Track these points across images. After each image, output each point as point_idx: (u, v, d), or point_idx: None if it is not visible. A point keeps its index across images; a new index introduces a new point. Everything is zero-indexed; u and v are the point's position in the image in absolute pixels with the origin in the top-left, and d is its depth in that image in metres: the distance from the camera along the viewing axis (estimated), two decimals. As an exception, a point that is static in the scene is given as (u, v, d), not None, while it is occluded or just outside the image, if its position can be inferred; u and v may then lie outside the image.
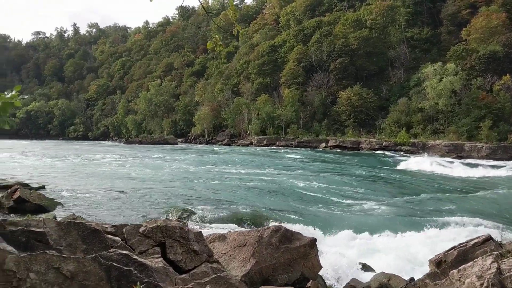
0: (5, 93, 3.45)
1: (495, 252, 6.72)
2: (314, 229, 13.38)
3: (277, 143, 73.81)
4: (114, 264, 5.51)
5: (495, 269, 6.10)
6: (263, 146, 74.03)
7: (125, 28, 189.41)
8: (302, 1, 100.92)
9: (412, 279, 10.07)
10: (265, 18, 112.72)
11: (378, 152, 58.07)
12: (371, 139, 63.71)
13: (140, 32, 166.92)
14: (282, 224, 11.97)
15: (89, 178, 25.03)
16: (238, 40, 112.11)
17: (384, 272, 10.19)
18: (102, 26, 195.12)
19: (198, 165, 35.57)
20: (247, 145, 77.96)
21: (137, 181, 24.21)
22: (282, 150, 61.49)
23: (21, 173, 25.89)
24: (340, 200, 19.68)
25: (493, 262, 6.28)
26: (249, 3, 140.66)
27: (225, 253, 7.99)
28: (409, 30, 78.57)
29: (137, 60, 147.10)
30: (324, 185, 24.08)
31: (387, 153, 56.18)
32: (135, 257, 5.95)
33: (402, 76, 73.14)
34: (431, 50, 74.33)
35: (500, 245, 7.73)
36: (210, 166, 35.37)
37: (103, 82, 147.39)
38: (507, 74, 56.38)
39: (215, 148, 70.29)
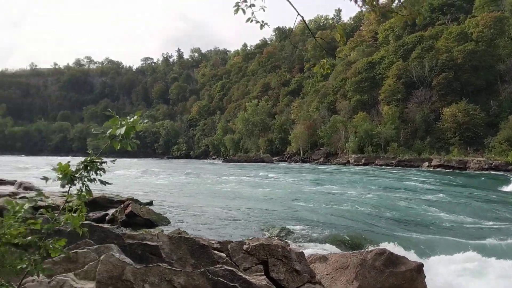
0: (128, 117, 3.74)
1: None
2: (419, 255, 12.69)
3: (376, 161, 71.56)
4: (221, 279, 5.70)
5: None
6: (360, 165, 72.21)
7: (224, 52, 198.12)
8: (402, 17, 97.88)
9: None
10: (362, 35, 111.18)
11: (488, 172, 53.79)
12: (479, 158, 59.30)
13: (239, 54, 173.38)
14: (384, 247, 11.54)
15: (194, 195, 26.24)
16: (335, 58, 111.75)
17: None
18: (203, 50, 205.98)
19: (296, 184, 35.68)
20: (343, 164, 76.60)
21: (238, 198, 24.86)
22: (384, 170, 59.47)
23: (132, 189, 27.90)
24: (447, 224, 18.48)
25: None
26: (346, 20, 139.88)
27: (327, 274, 7.88)
28: (521, 41, 72.71)
29: (236, 81, 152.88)
30: (429, 207, 22.82)
31: (497, 173, 51.82)
32: (240, 273, 6.10)
33: (514, 91, 67.60)
34: (546, 61, 67.98)
35: None
36: (308, 185, 35.27)
37: (204, 104, 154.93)
38: None
39: (319, 167, 70.01)
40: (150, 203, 19.97)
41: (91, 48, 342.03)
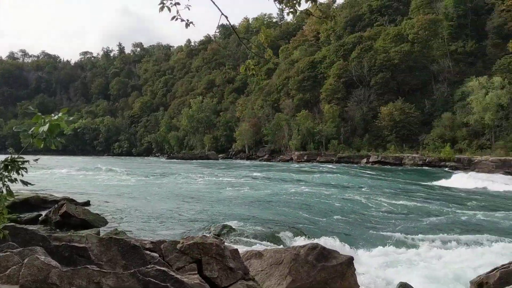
0: (52, 114, 3.61)
1: (541, 276, 6.44)
2: (351, 247, 13.19)
3: (318, 158, 73.37)
4: (152, 280, 5.66)
5: (541, 294, 5.85)
6: (303, 161, 73.73)
7: (168, 47, 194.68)
8: (343, 17, 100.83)
9: (455, 301, 9.75)
10: (305, 34, 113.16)
11: (421, 168, 56.60)
12: (414, 155, 62.25)
13: (183, 50, 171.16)
14: (319, 242, 11.88)
15: (135, 194, 25.72)
16: (278, 57, 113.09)
17: (425, 293, 9.93)
18: (146, 45, 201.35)
19: (241, 181, 35.83)
20: (287, 161, 77.89)
21: (181, 197, 24.66)
22: (323, 166, 61.01)
23: (68, 188, 26.92)
24: (379, 217, 19.32)
25: (538, 286, 6.03)
26: (289, 20, 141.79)
27: (262, 270, 8.03)
28: (453, 43, 76.82)
29: (180, 78, 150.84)
30: (363, 201, 23.72)
31: (431, 169, 54.66)
32: (172, 273, 6.09)
33: (446, 91, 71.34)
34: (476, 63, 72.28)
35: (548, 268, 7.39)
36: (252, 182, 35.53)
37: (146, 100, 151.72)
38: (559, 87, 53.99)
39: (265, 164, 70.60)
40: (87, 203, 19.40)
41: (26, 40, 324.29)
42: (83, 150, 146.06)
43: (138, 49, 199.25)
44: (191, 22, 4.05)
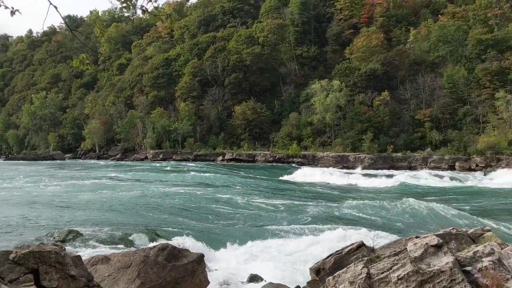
0: None
1: (366, 258, 7.30)
2: (204, 244, 13.40)
3: (174, 157, 72.85)
4: (-23, 297, 5.05)
5: (365, 274, 6.63)
6: (159, 160, 72.53)
7: (5, 37, 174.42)
8: (196, 16, 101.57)
9: (298, 287, 10.51)
10: (159, 31, 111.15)
11: (272, 164, 59.99)
12: (265, 152, 65.70)
13: (23, 41, 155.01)
14: (172, 241, 11.82)
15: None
16: (131, 52, 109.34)
17: (272, 283, 10.52)
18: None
19: (91, 184, 33.77)
20: (142, 160, 75.87)
21: (22, 202, 22.32)
22: (183, 165, 60.81)
23: None
24: (230, 213, 19.98)
25: (363, 267, 6.82)
26: (141, 15, 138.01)
27: (109, 275, 7.68)
28: (298, 48, 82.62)
29: (20, 70, 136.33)
30: (214, 198, 24.28)
31: (281, 165, 58.28)
32: (3, 286, 5.50)
33: (293, 92, 76.53)
34: (318, 67, 78.92)
35: (372, 250, 8.39)
36: (109, 183, 33.77)
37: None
38: (386, 90, 61.74)
39: (118, 163, 67.32)
40: None
41: None
42: None
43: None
44: (17, 10, 3.67)
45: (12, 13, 3.69)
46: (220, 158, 68.02)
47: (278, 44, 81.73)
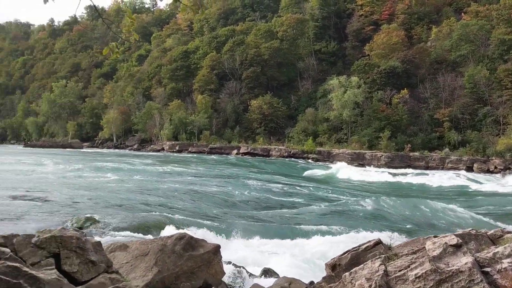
0: None
1: (383, 255, 7.26)
2: (220, 236, 13.49)
3: (190, 149, 73.30)
4: (2, 277, 5.20)
5: (382, 271, 6.60)
6: (175, 151, 73.08)
7: (27, 25, 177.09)
8: (216, 9, 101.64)
9: (312, 283, 10.50)
10: (178, 23, 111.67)
11: (286, 159, 59.92)
12: (280, 147, 65.61)
13: (45, 30, 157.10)
14: (188, 231, 11.91)
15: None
16: (150, 43, 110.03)
17: (286, 277, 10.53)
18: (0, 21, 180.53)
19: (106, 171, 34.14)
20: (158, 151, 76.50)
21: (44, 188, 22.69)
22: (205, 157, 61.13)
23: None
24: (247, 206, 20.03)
25: (381, 264, 6.78)
26: (162, 7, 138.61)
27: (127, 262, 7.79)
28: (317, 43, 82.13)
29: (41, 59, 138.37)
30: (232, 191, 24.35)
31: (296, 160, 58.14)
32: (25, 269, 5.62)
33: (310, 87, 76.23)
34: (337, 63, 78.43)
35: (389, 248, 8.35)
36: (118, 172, 34.11)
37: (0, 81, 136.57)
38: (405, 88, 61.05)
39: (135, 154, 67.99)
40: None
41: None
42: None
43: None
44: (51, -3, 3.74)
45: (45, 0, 3.75)
46: (235, 151, 68.17)
47: (297, 39, 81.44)
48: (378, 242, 8.32)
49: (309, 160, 58.03)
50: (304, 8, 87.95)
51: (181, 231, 12.82)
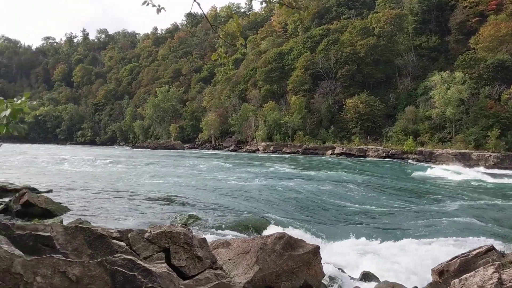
0: (15, 99, 3.51)
1: (497, 263, 6.73)
2: (318, 237, 13.41)
3: (284, 149, 73.94)
4: (119, 269, 5.59)
5: (496, 279, 6.12)
6: (269, 152, 74.15)
7: (133, 34, 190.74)
8: (310, 9, 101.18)
9: (415, 288, 10.05)
10: (273, 25, 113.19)
11: (384, 159, 57.90)
12: (377, 147, 63.62)
13: (149, 38, 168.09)
14: (286, 231, 12.01)
15: (98, 183, 25.18)
16: (246, 47, 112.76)
17: (387, 281, 10.19)
18: (110, 32, 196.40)
19: (207, 171, 35.67)
20: (253, 151, 78.12)
21: (147, 186, 24.32)
22: (299, 157, 61.47)
23: (28, 177, 26.11)
24: (346, 207, 19.68)
25: (494, 272, 6.30)
26: (257, 10, 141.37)
27: (229, 259, 8.05)
28: (417, 38, 78.51)
29: (145, 66, 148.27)
30: (330, 192, 24.08)
31: (395, 161, 55.96)
32: (139, 262, 6.02)
33: (410, 84, 73.03)
34: (438, 58, 74.23)
35: (502, 255, 7.74)
36: (217, 172, 35.45)
37: (111, 88, 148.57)
38: (515, 83, 56.16)
39: (230, 154, 70.38)
40: (49, 191, 18.89)
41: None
42: (44, 138, 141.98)
43: (103, 35, 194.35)
44: (163, 8, 3.99)
45: (158, 10, 4.01)
46: (330, 152, 67.37)
47: (395, 35, 78.49)
48: (491, 249, 7.74)
49: (409, 161, 55.53)
50: (402, 2, 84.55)
51: (279, 230, 12.98)
